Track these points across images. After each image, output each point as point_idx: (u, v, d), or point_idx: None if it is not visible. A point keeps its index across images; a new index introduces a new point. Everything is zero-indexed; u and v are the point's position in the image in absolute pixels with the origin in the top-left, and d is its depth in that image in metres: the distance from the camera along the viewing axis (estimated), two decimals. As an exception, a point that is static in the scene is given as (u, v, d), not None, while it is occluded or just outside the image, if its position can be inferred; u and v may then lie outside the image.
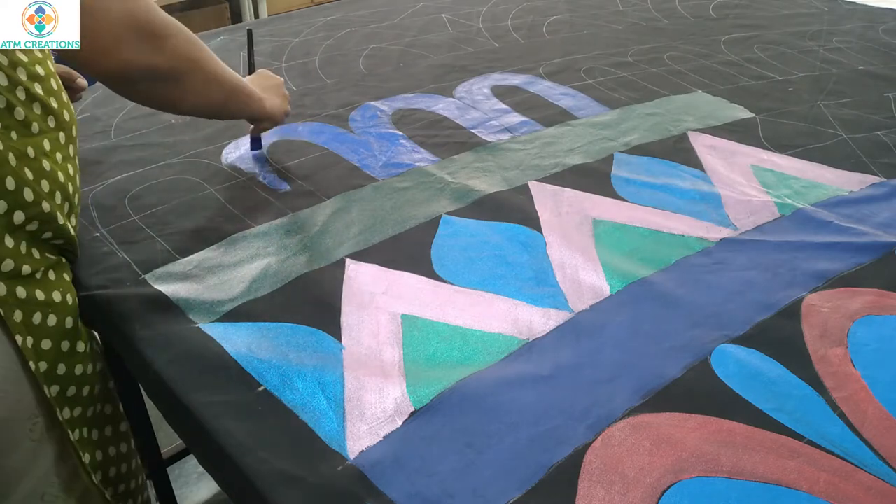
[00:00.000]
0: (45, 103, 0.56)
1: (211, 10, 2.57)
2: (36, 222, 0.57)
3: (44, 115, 0.56)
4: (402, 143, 0.92)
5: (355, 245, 0.71)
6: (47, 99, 0.56)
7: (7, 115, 0.53)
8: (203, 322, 0.61)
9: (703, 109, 1.01)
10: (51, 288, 0.60)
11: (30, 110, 0.54)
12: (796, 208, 0.77)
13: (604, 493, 0.47)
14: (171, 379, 0.57)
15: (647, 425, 0.51)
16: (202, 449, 0.55)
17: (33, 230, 0.58)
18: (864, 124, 0.97)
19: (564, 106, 1.02)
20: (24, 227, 0.57)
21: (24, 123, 0.54)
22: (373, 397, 0.54)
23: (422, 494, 0.47)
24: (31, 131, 0.55)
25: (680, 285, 0.66)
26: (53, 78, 0.59)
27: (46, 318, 0.59)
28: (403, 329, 0.61)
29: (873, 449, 0.50)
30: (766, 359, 0.57)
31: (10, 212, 0.55)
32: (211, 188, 0.82)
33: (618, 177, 0.84)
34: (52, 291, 0.60)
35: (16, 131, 0.53)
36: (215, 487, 1.29)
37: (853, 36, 1.32)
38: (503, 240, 0.72)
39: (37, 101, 0.55)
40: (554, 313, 0.63)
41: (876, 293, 0.64)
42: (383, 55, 1.23)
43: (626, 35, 1.32)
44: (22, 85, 0.53)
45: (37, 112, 0.55)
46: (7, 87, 0.52)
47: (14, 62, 0.53)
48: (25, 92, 0.53)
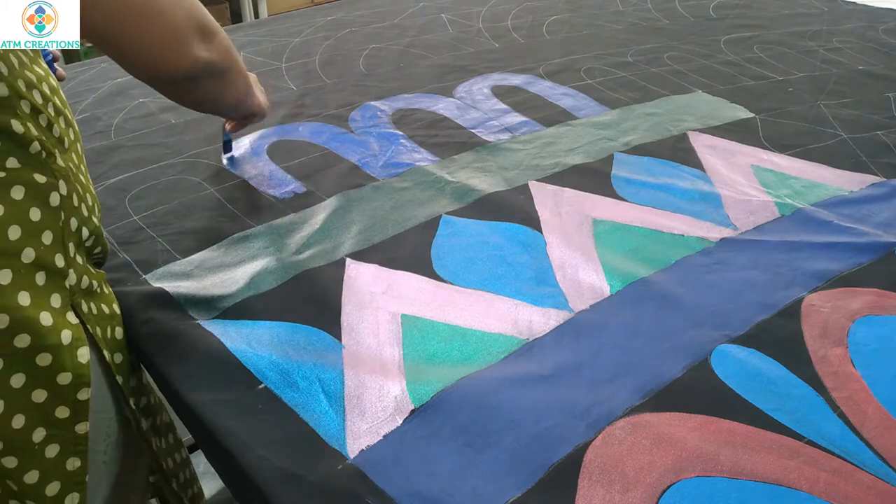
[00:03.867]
0: (65, 116, 0.55)
1: (211, 10, 2.56)
2: (93, 237, 0.57)
3: (67, 128, 0.55)
4: (402, 143, 0.92)
5: (355, 245, 0.71)
6: (64, 110, 0.56)
7: (49, 133, 0.52)
8: (203, 318, 0.62)
9: (703, 109, 1.01)
10: (110, 301, 0.60)
11: (59, 126, 0.54)
12: (796, 208, 0.77)
13: (604, 493, 0.47)
14: (171, 376, 0.57)
15: (647, 425, 0.51)
16: (205, 445, 0.55)
17: (90, 245, 0.57)
18: (864, 124, 0.97)
19: (564, 106, 1.02)
20: (85, 243, 0.56)
21: (59, 140, 0.53)
22: (373, 396, 0.54)
23: (422, 493, 0.47)
24: (65, 147, 0.54)
25: (680, 285, 0.66)
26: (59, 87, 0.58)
27: (114, 331, 0.59)
28: (403, 329, 0.61)
29: (873, 449, 0.50)
30: (766, 359, 0.57)
31: (80, 228, 0.55)
32: (211, 188, 0.82)
33: (618, 177, 0.84)
34: (112, 304, 0.60)
35: (58, 149, 0.53)
36: (216, 486, 1.29)
37: (853, 36, 1.32)
38: (503, 240, 0.72)
39: (61, 115, 0.55)
40: (554, 313, 0.63)
41: (876, 293, 0.64)
42: (383, 55, 1.23)
43: (626, 35, 1.32)
44: (50, 101, 0.53)
45: (62, 126, 0.54)
46: (42, 104, 0.51)
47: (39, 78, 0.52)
48: (53, 107, 0.53)
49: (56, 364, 0.51)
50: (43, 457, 0.52)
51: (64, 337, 0.51)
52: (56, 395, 0.52)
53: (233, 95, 0.70)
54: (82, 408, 0.53)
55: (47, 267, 0.51)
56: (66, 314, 0.53)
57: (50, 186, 0.51)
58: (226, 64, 0.64)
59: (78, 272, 0.55)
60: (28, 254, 0.50)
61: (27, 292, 0.49)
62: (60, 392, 0.52)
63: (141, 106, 1.03)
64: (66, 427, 0.53)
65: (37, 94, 0.51)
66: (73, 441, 0.54)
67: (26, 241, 0.50)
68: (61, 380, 0.52)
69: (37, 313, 0.50)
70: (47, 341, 0.50)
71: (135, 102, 1.04)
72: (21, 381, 0.50)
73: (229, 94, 0.69)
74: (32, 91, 0.51)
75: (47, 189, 0.51)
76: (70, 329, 0.52)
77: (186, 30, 0.57)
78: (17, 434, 0.50)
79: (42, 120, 0.51)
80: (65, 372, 0.52)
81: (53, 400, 0.52)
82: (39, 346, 0.50)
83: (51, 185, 0.51)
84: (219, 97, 0.68)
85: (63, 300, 0.53)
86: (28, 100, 0.50)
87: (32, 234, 0.50)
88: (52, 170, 0.51)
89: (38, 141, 0.50)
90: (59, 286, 0.52)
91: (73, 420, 0.53)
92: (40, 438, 0.52)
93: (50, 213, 0.51)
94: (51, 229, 0.51)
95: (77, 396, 0.53)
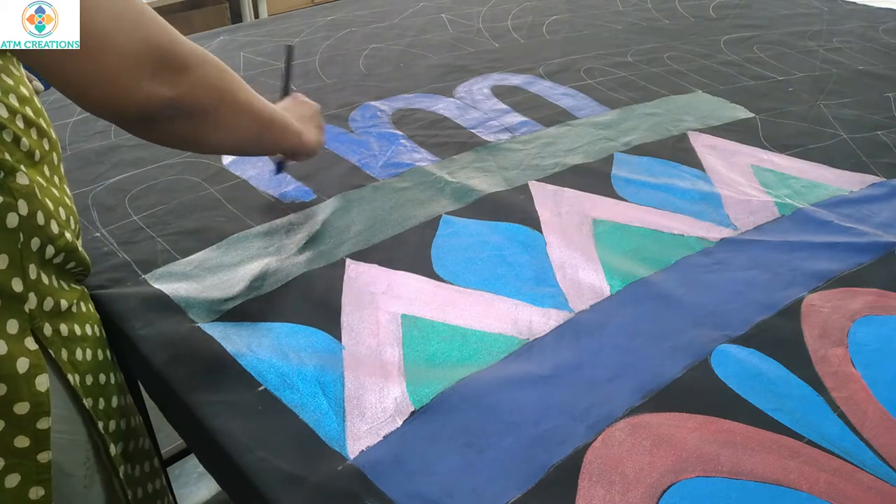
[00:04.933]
0: (38, 126, 0.53)
1: (211, 10, 2.57)
2: (62, 254, 0.55)
3: (39, 140, 0.53)
4: (402, 143, 0.92)
5: (355, 245, 0.71)
6: (38, 120, 0.53)
7: (15, 147, 0.50)
8: (203, 321, 0.61)
9: (703, 109, 1.01)
10: (83, 321, 0.58)
11: (30, 138, 0.52)
12: (796, 208, 0.77)
13: (604, 493, 0.47)
14: (171, 378, 0.57)
15: (647, 425, 0.51)
16: (202, 448, 0.55)
17: (59, 262, 0.56)
18: (864, 124, 0.97)
19: (564, 106, 1.02)
20: (53, 260, 0.54)
21: (28, 153, 0.51)
22: (373, 397, 0.54)
23: (422, 494, 0.47)
24: (34, 160, 0.52)
25: (680, 285, 0.66)
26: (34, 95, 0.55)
27: (85, 352, 0.57)
28: (403, 329, 0.61)
29: (873, 449, 0.50)
30: (766, 359, 0.57)
31: (43, 247, 0.53)
32: (211, 188, 0.82)
33: (618, 177, 0.84)
34: (85, 324, 0.58)
35: (24, 164, 0.51)
36: (215, 487, 1.29)
37: (853, 36, 1.32)
38: (503, 240, 0.72)
39: (33, 126, 0.52)
40: (554, 313, 0.63)
41: (876, 293, 0.64)
42: (383, 55, 1.23)
43: (626, 35, 1.32)
44: (19, 112, 0.51)
45: (34, 137, 0.52)
46: (8, 118, 0.49)
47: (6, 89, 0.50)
48: (23, 119, 0.51)
49: (12, 394, 0.49)
50: (3, 487, 0.51)
51: (20, 365, 0.50)
52: (14, 424, 0.50)
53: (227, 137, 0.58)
54: (43, 436, 0.52)
55: (3, 292, 0.49)
56: (25, 340, 0.51)
57: (6, 207, 0.49)
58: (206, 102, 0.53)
59: (41, 294, 0.53)
60: None
61: None
62: (18, 421, 0.50)
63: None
64: (26, 456, 0.51)
65: (1, 108, 0.49)
66: (35, 470, 0.52)
67: None
68: (18, 409, 0.50)
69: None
70: (2, 371, 0.49)
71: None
72: None
73: (215, 135, 0.57)
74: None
75: (3, 210, 0.49)
76: (27, 356, 0.50)
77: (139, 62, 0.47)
78: None
79: (6, 135, 0.49)
80: (22, 402, 0.50)
81: (11, 430, 0.50)
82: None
83: (7, 206, 0.49)
84: (196, 139, 0.57)
85: (21, 325, 0.51)
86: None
87: None
88: (11, 189, 0.49)
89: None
90: (17, 311, 0.50)
91: (35, 449, 0.51)
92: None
93: (5, 236, 0.49)
94: (6, 253, 0.49)
95: (37, 426, 0.51)
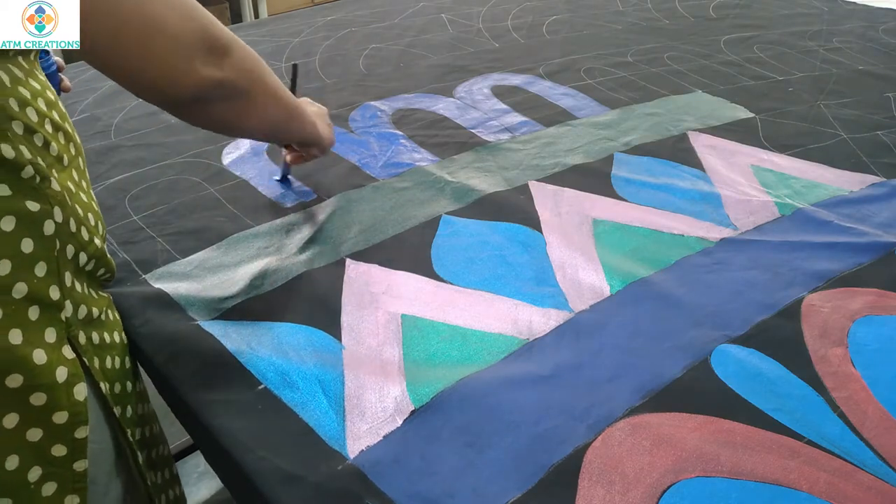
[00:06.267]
0: (65, 130, 0.52)
1: (211, 10, 2.56)
2: (93, 261, 0.54)
3: (67, 144, 0.52)
4: (402, 143, 0.92)
5: (355, 245, 0.71)
6: (64, 125, 0.52)
7: (46, 152, 0.49)
8: (203, 319, 0.62)
9: (703, 109, 1.01)
10: (112, 328, 0.58)
11: (58, 142, 0.51)
12: (796, 208, 0.77)
13: (604, 493, 0.47)
14: (171, 376, 0.57)
15: (647, 425, 0.51)
16: (204, 445, 0.55)
17: (91, 269, 0.55)
18: (864, 124, 0.97)
19: (564, 106, 1.02)
20: (85, 268, 0.54)
21: (58, 158, 0.50)
22: (373, 396, 0.54)
23: (422, 494, 0.47)
24: (63, 165, 0.51)
25: (680, 285, 0.66)
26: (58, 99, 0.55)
27: (114, 360, 0.57)
28: (403, 329, 0.61)
29: (873, 449, 0.50)
30: (766, 359, 0.57)
31: (77, 254, 0.52)
32: (211, 188, 0.82)
33: (618, 177, 0.84)
34: (113, 332, 0.58)
35: (55, 168, 0.50)
36: (216, 487, 1.29)
37: (853, 36, 1.32)
38: (503, 240, 0.72)
39: (60, 131, 0.51)
40: (554, 313, 0.63)
41: (876, 293, 0.64)
42: (383, 55, 1.23)
43: (626, 35, 1.32)
44: (47, 117, 0.50)
45: (62, 142, 0.51)
46: (38, 121, 0.48)
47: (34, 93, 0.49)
48: (51, 123, 0.50)
49: (51, 403, 0.49)
50: (39, 496, 0.50)
51: (59, 374, 0.49)
52: (52, 433, 0.49)
53: (263, 118, 0.64)
54: (80, 445, 0.51)
55: (41, 300, 0.48)
56: (62, 349, 0.50)
57: (44, 214, 0.48)
58: (243, 85, 0.58)
59: (76, 302, 0.52)
60: (20, 288, 0.47)
61: (19, 329, 0.47)
62: (56, 431, 0.49)
63: (141, 105, 1.03)
64: (63, 465, 0.51)
65: (31, 112, 0.48)
66: (71, 479, 0.51)
67: (18, 275, 0.46)
68: (57, 419, 0.49)
69: (29, 351, 0.47)
70: (41, 380, 0.48)
71: (135, 102, 1.04)
72: (14, 422, 0.47)
73: (252, 118, 0.62)
74: (26, 109, 0.48)
75: (41, 217, 0.48)
76: (66, 365, 0.50)
77: (192, 46, 0.52)
78: (11, 476, 0.48)
79: (37, 139, 0.49)
80: (61, 411, 0.49)
81: (49, 439, 0.49)
82: (33, 385, 0.47)
83: (45, 213, 0.48)
84: (237, 121, 0.62)
85: (59, 334, 0.50)
86: (20, 120, 0.47)
87: (24, 267, 0.47)
88: (47, 195, 0.48)
89: (32, 164, 0.47)
90: (54, 319, 0.50)
91: (71, 458, 0.51)
92: (36, 477, 0.49)
93: (43, 243, 0.48)
94: (45, 260, 0.49)
95: (74, 435, 0.51)
